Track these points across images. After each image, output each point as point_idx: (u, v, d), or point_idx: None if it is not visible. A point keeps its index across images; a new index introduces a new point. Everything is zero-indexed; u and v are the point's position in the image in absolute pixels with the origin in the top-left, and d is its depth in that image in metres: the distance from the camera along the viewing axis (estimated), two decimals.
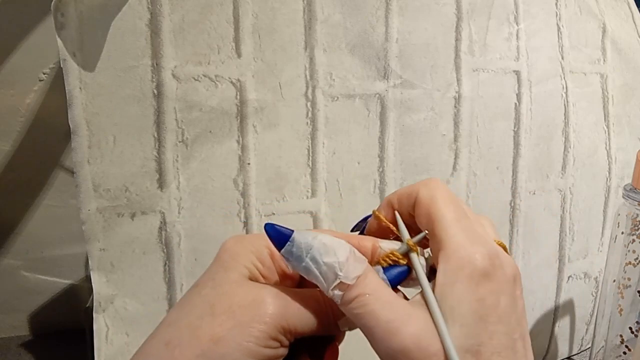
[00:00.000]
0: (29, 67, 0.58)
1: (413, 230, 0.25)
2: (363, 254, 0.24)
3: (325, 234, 0.23)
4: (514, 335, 0.21)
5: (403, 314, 0.21)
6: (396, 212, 0.25)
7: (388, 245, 0.24)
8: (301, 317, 0.22)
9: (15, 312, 0.63)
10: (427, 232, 0.24)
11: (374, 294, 0.21)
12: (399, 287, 0.24)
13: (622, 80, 0.60)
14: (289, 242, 0.22)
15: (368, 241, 0.25)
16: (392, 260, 0.23)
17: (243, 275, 0.22)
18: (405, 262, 0.23)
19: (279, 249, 0.22)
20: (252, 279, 0.23)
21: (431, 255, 0.24)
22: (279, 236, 0.22)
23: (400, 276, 0.23)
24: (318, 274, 0.21)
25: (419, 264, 0.23)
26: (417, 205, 0.24)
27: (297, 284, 0.25)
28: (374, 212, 0.26)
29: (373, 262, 0.24)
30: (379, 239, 0.25)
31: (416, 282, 0.23)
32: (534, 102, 0.53)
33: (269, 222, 0.23)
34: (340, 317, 0.23)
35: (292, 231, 0.22)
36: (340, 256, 0.21)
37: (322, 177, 0.46)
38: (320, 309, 0.23)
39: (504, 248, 0.23)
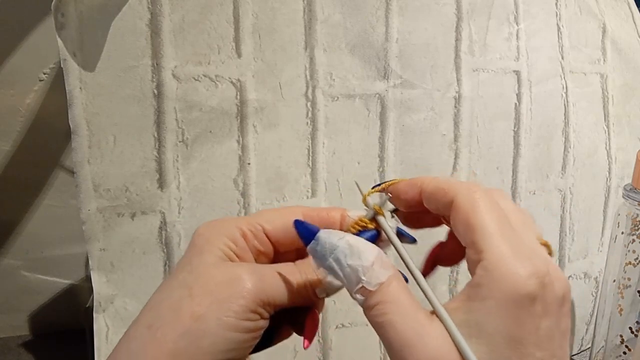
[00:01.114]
0: (29, 67, 0.58)
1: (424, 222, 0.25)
2: (331, 225, 0.24)
3: (352, 237, 0.22)
4: None
5: (422, 328, 0.19)
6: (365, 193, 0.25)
7: (356, 214, 0.25)
8: (279, 289, 0.23)
9: (15, 312, 0.63)
10: (390, 195, 0.24)
11: (395, 303, 0.20)
12: None
13: (622, 80, 0.60)
14: (314, 240, 0.22)
15: (336, 212, 0.25)
16: (361, 226, 0.24)
17: (218, 257, 0.23)
18: (373, 227, 0.24)
19: (305, 246, 0.22)
20: (227, 260, 0.23)
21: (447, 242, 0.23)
22: (306, 233, 0.22)
23: (369, 240, 0.23)
24: (341, 275, 0.21)
25: (388, 225, 0.23)
26: (454, 210, 0.22)
27: (271, 262, 0.25)
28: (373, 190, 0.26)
29: (343, 230, 0.24)
30: (347, 209, 0.25)
31: (387, 243, 0.24)
32: (534, 102, 0.53)
33: (298, 218, 0.23)
34: (317, 285, 0.24)
35: (318, 229, 0.22)
36: (364, 260, 0.21)
37: (322, 177, 0.46)
38: (296, 280, 0.23)
39: (549, 248, 0.22)
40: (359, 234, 0.24)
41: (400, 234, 0.24)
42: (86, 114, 0.40)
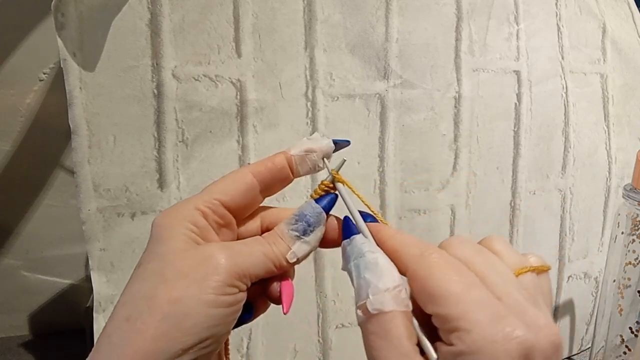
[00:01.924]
0: (29, 67, 0.58)
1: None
2: (281, 170, 0.25)
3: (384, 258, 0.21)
4: None
5: None
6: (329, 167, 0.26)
7: (297, 150, 0.26)
8: (251, 260, 0.23)
9: (15, 312, 0.63)
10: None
11: (389, 341, 0.19)
12: None
13: (622, 80, 0.60)
14: (348, 239, 0.23)
15: (279, 156, 0.26)
16: (323, 190, 0.26)
17: (183, 242, 0.23)
18: (334, 191, 0.26)
19: (342, 240, 0.23)
20: (193, 243, 0.23)
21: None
22: (346, 230, 0.24)
23: (331, 203, 0.26)
24: (355, 283, 0.21)
25: (345, 190, 0.26)
26: (410, 280, 0.20)
27: (235, 232, 0.26)
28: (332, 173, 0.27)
29: (296, 175, 0.26)
30: (288, 148, 0.26)
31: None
32: (534, 102, 0.53)
33: (347, 216, 0.24)
34: (287, 251, 0.24)
35: (357, 233, 0.23)
36: (381, 282, 0.20)
37: (322, 177, 0.46)
38: (267, 250, 0.24)
39: (538, 269, 0.21)
40: (321, 197, 0.25)
41: (336, 143, 0.27)
42: (86, 114, 0.40)
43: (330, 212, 0.26)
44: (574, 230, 0.58)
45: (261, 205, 0.27)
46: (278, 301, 0.25)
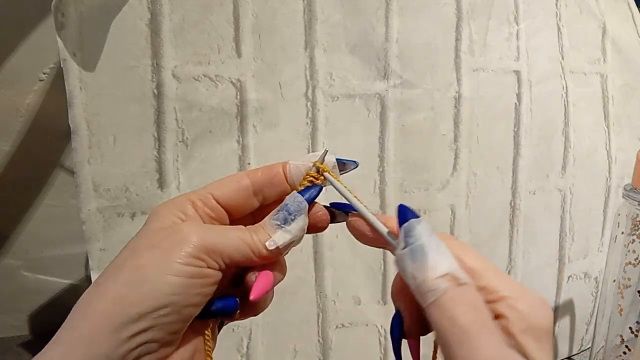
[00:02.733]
0: (29, 67, 0.58)
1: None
2: (275, 176, 0.26)
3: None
4: None
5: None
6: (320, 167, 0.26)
7: (297, 162, 0.26)
8: (225, 241, 0.23)
9: (15, 312, 0.63)
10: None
11: (477, 307, 0.20)
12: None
13: (622, 80, 0.60)
14: (416, 219, 0.22)
15: (277, 165, 0.26)
16: (308, 182, 0.26)
17: (166, 224, 0.24)
18: (320, 182, 0.26)
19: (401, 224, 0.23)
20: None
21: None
22: (403, 214, 0.23)
23: (313, 193, 0.26)
24: (426, 258, 0.21)
25: (334, 179, 0.26)
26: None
27: None
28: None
29: (290, 182, 0.26)
30: (289, 160, 0.26)
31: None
32: (534, 102, 0.53)
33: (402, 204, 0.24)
34: (267, 239, 0.24)
35: (418, 216, 0.23)
36: (452, 258, 0.21)
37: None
38: (244, 235, 0.24)
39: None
40: (308, 189, 0.26)
41: (341, 162, 0.27)
42: (86, 114, 0.40)
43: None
44: (574, 230, 0.58)
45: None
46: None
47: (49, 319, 0.64)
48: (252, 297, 0.24)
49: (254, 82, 0.43)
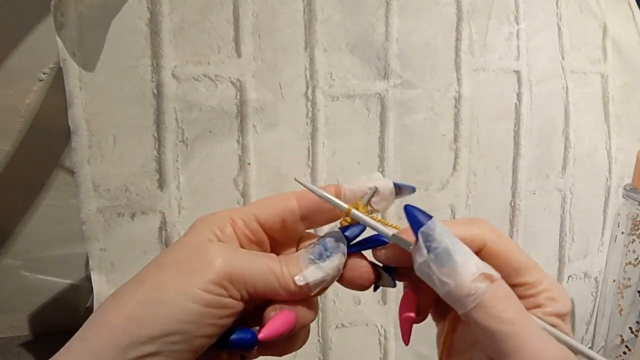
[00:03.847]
0: (28, 67, 0.58)
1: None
2: (328, 204, 0.24)
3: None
4: None
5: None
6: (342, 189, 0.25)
7: (352, 187, 0.25)
8: (252, 269, 0.22)
9: (15, 312, 0.63)
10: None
11: (512, 299, 0.21)
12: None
13: (622, 80, 0.60)
14: (431, 221, 0.21)
15: (330, 188, 0.25)
16: (347, 222, 0.24)
17: (199, 240, 0.23)
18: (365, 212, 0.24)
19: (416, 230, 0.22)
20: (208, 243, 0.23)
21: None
22: (416, 218, 0.22)
23: (356, 232, 0.24)
24: (453, 260, 0.21)
25: (367, 217, 0.24)
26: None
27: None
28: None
29: (345, 200, 0.24)
30: (342, 184, 0.25)
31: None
32: (534, 102, 0.53)
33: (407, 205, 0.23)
34: (297, 273, 0.22)
35: (431, 218, 0.22)
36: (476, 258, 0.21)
37: (322, 177, 0.46)
38: (273, 264, 0.22)
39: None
40: (351, 225, 0.24)
41: (397, 187, 0.25)
42: (86, 114, 0.40)
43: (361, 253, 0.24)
44: (574, 230, 0.58)
45: (308, 232, 0.26)
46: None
47: (49, 319, 0.64)
48: (260, 335, 0.22)
49: (254, 82, 0.43)
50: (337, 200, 0.24)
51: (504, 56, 0.52)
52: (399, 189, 0.25)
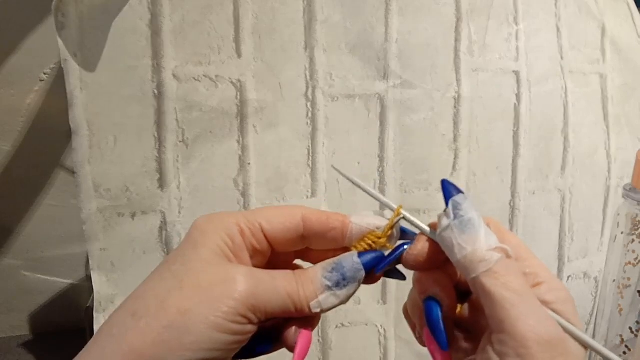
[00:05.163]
0: (29, 68, 0.58)
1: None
2: (329, 232, 0.24)
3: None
4: None
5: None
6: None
7: (360, 220, 0.24)
8: (272, 296, 0.22)
9: (15, 312, 0.64)
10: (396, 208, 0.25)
11: (520, 277, 0.22)
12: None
13: (621, 80, 0.60)
14: (461, 195, 0.24)
15: (337, 217, 0.24)
16: (371, 243, 0.24)
17: (213, 252, 0.22)
18: (380, 247, 0.24)
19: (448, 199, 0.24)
20: (223, 256, 0.23)
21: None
22: (448, 190, 0.24)
23: (374, 261, 0.23)
24: (474, 231, 0.22)
25: (412, 218, 0.25)
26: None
27: (267, 261, 0.25)
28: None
29: (347, 243, 0.24)
30: (349, 215, 0.24)
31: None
32: (533, 102, 0.54)
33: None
34: (312, 298, 0.23)
35: (461, 191, 0.24)
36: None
37: (322, 177, 0.46)
38: (292, 290, 0.23)
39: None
40: (366, 252, 0.23)
41: (404, 232, 0.25)
42: (86, 114, 0.40)
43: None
44: (573, 230, 0.58)
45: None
46: (292, 349, 0.23)
47: (49, 319, 0.64)
48: None
49: (254, 82, 0.43)
50: (385, 199, 0.25)
51: (503, 56, 0.52)
52: (405, 234, 0.25)
